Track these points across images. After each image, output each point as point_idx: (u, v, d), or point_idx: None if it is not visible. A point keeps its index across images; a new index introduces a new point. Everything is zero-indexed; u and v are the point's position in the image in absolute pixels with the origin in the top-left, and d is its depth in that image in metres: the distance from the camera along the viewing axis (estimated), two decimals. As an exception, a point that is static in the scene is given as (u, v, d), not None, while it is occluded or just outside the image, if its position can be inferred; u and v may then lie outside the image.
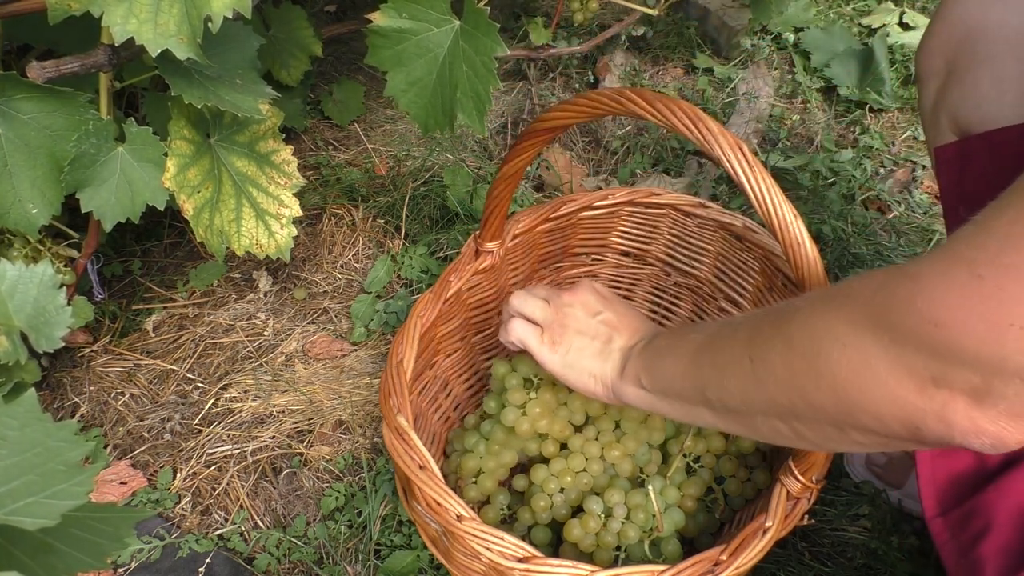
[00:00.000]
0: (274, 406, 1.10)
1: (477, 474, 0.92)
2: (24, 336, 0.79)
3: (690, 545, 0.90)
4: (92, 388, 1.12)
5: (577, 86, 1.58)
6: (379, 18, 0.91)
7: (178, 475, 1.04)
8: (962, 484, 0.70)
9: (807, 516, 0.72)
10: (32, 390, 0.42)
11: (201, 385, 1.13)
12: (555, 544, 0.90)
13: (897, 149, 1.48)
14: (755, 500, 0.90)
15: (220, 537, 0.98)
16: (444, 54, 0.92)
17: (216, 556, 0.96)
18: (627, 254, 1.05)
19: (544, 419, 0.89)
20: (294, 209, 0.98)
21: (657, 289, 1.07)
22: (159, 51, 0.71)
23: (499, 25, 0.88)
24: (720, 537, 0.90)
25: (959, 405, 0.44)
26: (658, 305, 1.08)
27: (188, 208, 0.89)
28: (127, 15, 0.70)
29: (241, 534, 0.99)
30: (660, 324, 1.09)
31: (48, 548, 0.44)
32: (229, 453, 1.06)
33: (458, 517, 0.68)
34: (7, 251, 0.92)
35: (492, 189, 0.79)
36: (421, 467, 0.70)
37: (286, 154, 0.97)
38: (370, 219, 1.32)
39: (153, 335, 1.18)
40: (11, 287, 0.77)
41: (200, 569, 0.95)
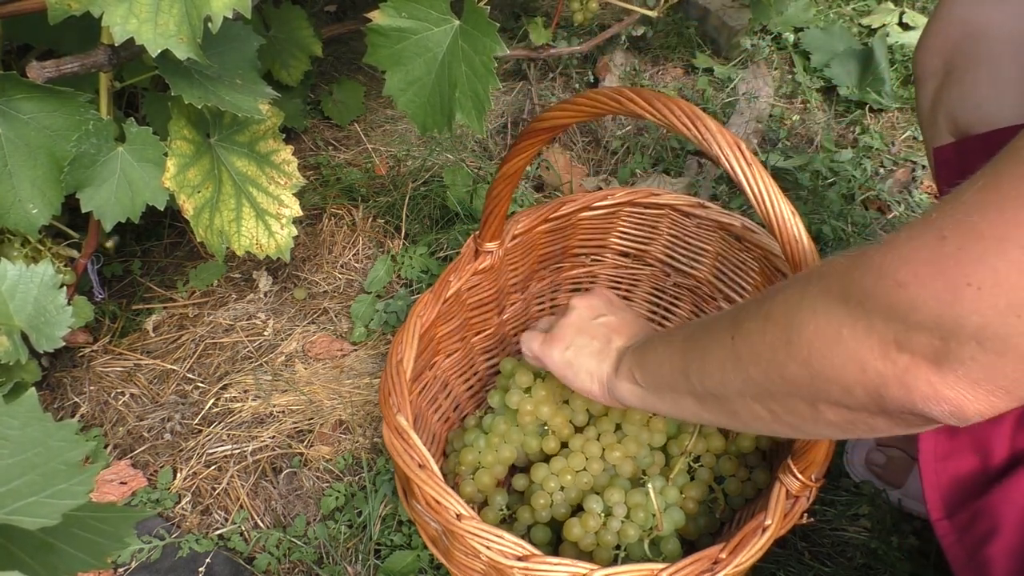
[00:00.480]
0: (274, 406, 1.10)
1: (475, 469, 0.92)
2: (24, 336, 0.79)
3: (690, 546, 0.90)
4: (92, 388, 1.12)
5: (577, 86, 1.58)
6: (378, 17, 0.91)
7: (178, 475, 1.04)
8: (967, 486, 0.70)
9: (806, 515, 0.72)
10: (32, 390, 0.43)
11: (201, 385, 1.13)
12: (555, 543, 0.90)
13: (897, 149, 1.48)
14: (755, 499, 0.90)
15: (220, 537, 0.98)
16: (443, 54, 0.92)
17: (216, 556, 0.97)
18: (626, 254, 1.05)
19: (547, 405, 0.90)
20: (294, 209, 0.98)
21: (656, 289, 1.07)
22: (159, 51, 0.71)
23: (499, 25, 0.88)
24: (720, 537, 0.90)
25: (920, 370, 0.44)
26: (657, 305, 1.08)
27: (188, 208, 0.89)
28: (127, 15, 0.70)
29: (241, 534, 0.99)
30: (660, 325, 1.09)
31: (49, 548, 0.44)
32: (229, 453, 1.06)
33: (458, 516, 0.68)
34: (7, 251, 0.92)
35: (492, 189, 0.79)
36: (421, 466, 0.70)
37: (286, 154, 0.97)
38: (370, 219, 1.32)
39: (153, 335, 1.18)
40: (12, 287, 0.77)
41: (200, 569, 0.95)
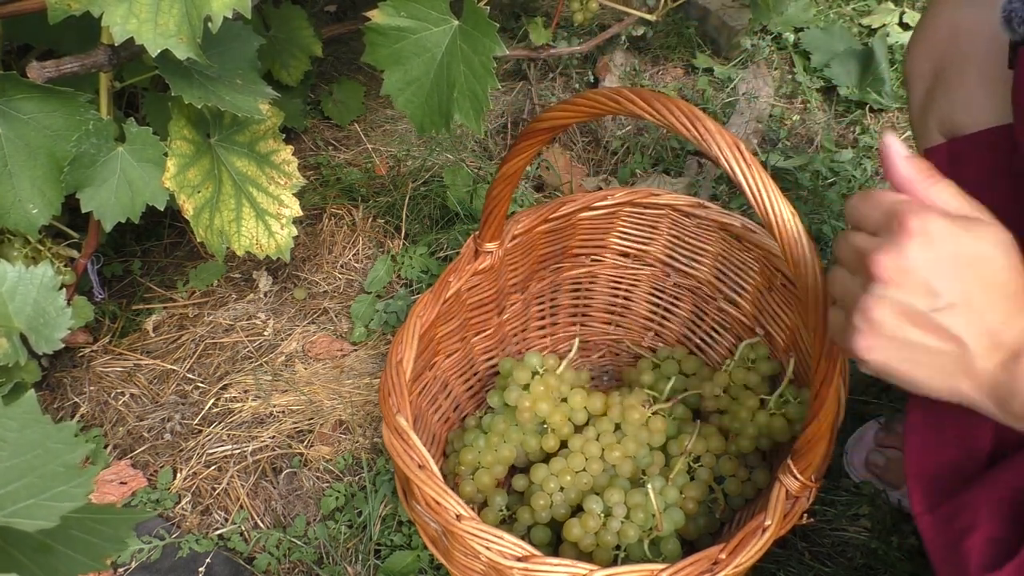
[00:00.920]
0: (274, 406, 1.10)
1: (475, 469, 0.92)
2: (24, 337, 0.79)
3: (690, 546, 0.90)
4: (92, 388, 1.12)
5: (577, 86, 1.58)
6: (378, 16, 0.91)
7: (178, 475, 1.04)
8: (949, 480, 0.69)
9: (806, 515, 0.72)
10: (32, 391, 0.43)
11: (201, 385, 1.13)
12: (555, 544, 0.90)
13: (897, 149, 1.48)
14: (755, 500, 0.90)
15: (220, 537, 0.98)
16: (442, 54, 0.92)
17: (216, 556, 0.97)
18: (626, 255, 1.05)
19: (545, 402, 0.90)
20: (294, 209, 0.98)
21: (656, 289, 1.07)
22: (159, 51, 0.71)
23: (498, 25, 0.88)
24: (720, 537, 0.90)
25: None
26: (657, 306, 1.08)
27: (188, 208, 0.89)
28: (127, 15, 0.70)
29: (241, 534, 0.99)
30: (660, 326, 1.09)
31: (48, 549, 0.44)
32: (229, 453, 1.06)
33: (457, 516, 0.68)
34: (7, 251, 0.92)
35: (492, 189, 0.79)
36: (420, 466, 0.70)
37: (286, 154, 0.97)
38: (370, 219, 1.32)
39: (153, 335, 1.18)
40: (11, 289, 0.77)
41: (200, 569, 0.95)
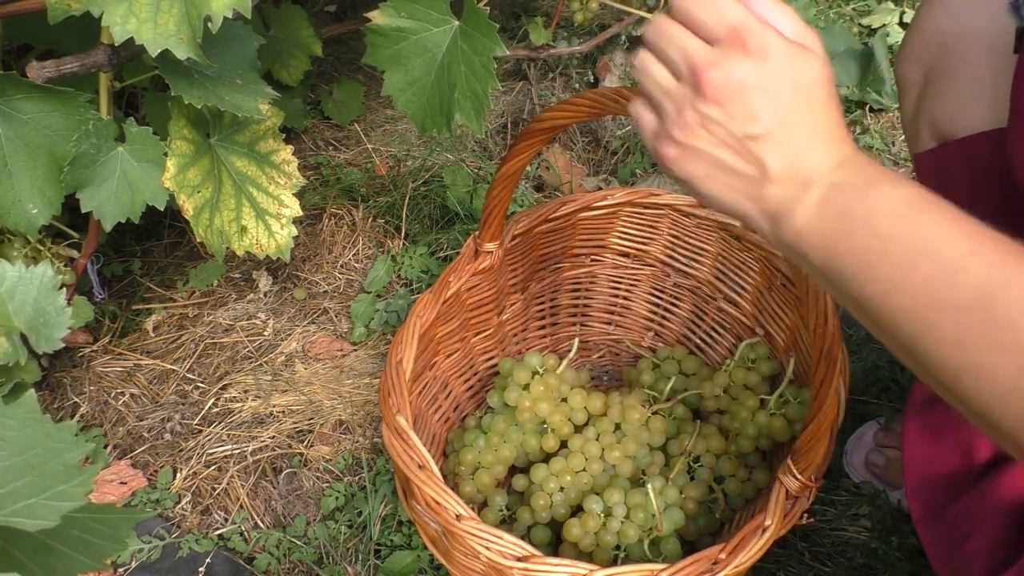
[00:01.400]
0: (274, 406, 1.10)
1: (475, 469, 0.92)
2: (24, 337, 0.79)
3: (690, 546, 0.90)
4: (92, 388, 1.12)
5: (577, 86, 1.58)
6: (378, 17, 0.91)
7: (178, 475, 1.04)
8: (948, 487, 0.69)
9: (806, 515, 0.72)
10: (32, 391, 0.43)
11: (201, 385, 1.13)
12: (555, 544, 0.90)
13: (897, 149, 1.47)
14: (755, 500, 0.90)
15: (220, 537, 0.98)
16: (443, 54, 0.92)
17: (216, 556, 0.97)
18: (626, 255, 1.05)
19: (545, 402, 0.91)
20: (294, 209, 0.98)
21: (656, 289, 1.07)
22: (159, 51, 0.71)
23: (499, 25, 0.88)
24: (720, 537, 0.90)
25: None
26: (657, 306, 1.08)
27: (188, 208, 0.89)
28: (127, 15, 0.70)
29: (241, 534, 0.99)
30: (659, 326, 1.09)
31: (47, 549, 0.44)
32: (229, 453, 1.06)
33: (457, 516, 0.68)
34: (7, 251, 0.92)
35: (491, 189, 0.79)
36: (420, 467, 0.70)
37: (286, 154, 0.97)
38: (370, 219, 1.32)
39: (153, 335, 1.18)
40: (11, 288, 0.77)
41: (200, 569, 0.95)
